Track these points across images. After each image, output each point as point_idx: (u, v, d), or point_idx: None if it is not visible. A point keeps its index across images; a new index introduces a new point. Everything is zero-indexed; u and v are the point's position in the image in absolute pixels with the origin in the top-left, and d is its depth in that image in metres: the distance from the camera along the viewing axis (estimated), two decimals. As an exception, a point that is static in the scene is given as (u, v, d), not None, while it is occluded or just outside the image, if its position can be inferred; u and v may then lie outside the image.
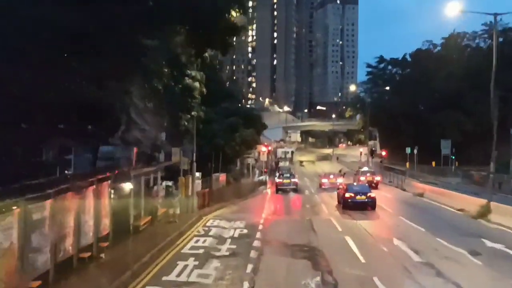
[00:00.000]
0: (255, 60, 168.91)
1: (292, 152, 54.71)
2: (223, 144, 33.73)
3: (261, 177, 38.77)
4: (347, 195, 23.53)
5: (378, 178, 36.58)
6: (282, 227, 18.71)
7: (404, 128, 71.99)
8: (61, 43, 11.14)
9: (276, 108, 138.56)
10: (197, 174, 37.39)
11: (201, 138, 34.56)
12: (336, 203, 26.18)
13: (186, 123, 20.70)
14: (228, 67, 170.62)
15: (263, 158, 37.03)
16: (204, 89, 22.96)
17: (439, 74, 70.42)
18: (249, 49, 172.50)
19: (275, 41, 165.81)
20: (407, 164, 56.54)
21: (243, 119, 36.54)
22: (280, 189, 33.11)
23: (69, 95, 12.34)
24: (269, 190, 35.66)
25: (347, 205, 23.19)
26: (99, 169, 14.30)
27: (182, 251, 13.73)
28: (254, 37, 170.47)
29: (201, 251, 13.64)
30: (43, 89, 11.41)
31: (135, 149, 14.44)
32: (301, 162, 72.50)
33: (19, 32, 10.18)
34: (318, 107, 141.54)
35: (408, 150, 56.90)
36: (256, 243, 14.87)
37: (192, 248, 14.24)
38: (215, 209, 23.01)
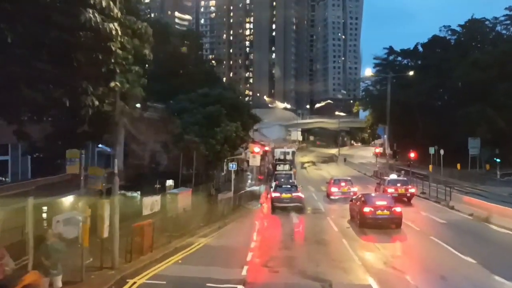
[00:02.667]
0: (252, 55, 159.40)
1: (294, 153, 44.52)
2: (198, 142, 23.96)
3: (254, 187, 28.74)
4: (366, 209, 18.21)
5: (412, 190, 26.79)
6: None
7: (421, 124, 62.91)
8: None
9: (279, 105, 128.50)
10: (170, 182, 27.86)
11: (167, 134, 25.03)
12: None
13: (96, 103, 10.84)
14: (224, 62, 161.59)
15: (254, 162, 26.74)
16: (148, 51, 13.42)
17: (461, 63, 61.31)
18: (247, 43, 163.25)
19: (274, 33, 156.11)
20: (430, 167, 47.36)
21: (227, 109, 26.78)
22: (277, 207, 23.38)
23: None
24: (265, 206, 25.77)
25: (365, 223, 18.17)
26: None
27: None
28: (252, 31, 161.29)
29: None
30: None
31: None
32: (303, 164, 62.75)
33: None
34: (327, 101, 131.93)
35: (431, 150, 47.37)
36: None
37: None
38: (162, 257, 13.14)
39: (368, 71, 71.77)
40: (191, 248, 14.72)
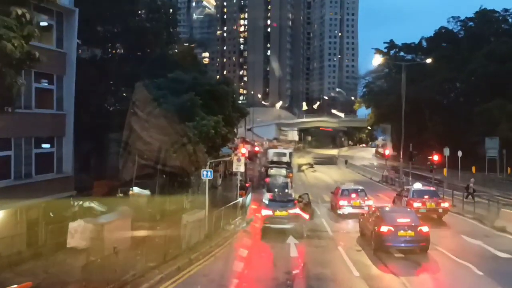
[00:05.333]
0: (246, 53, 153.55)
1: (291, 154, 37.93)
2: (161, 142, 17.73)
3: (240, 198, 22.53)
4: (384, 228, 14.18)
5: (445, 204, 20.58)
6: None
7: (430, 123, 57.35)
8: None
9: (276, 104, 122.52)
10: (136, 190, 21.76)
11: (126, 131, 18.90)
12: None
13: None
14: (218, 59, 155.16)
15: (239, 167, 20.55)
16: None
17: (474, 55, 55.98)
18: (241, 40, 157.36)
19: (269, 30, 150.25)
20: (445, 170, 41.51)
21: (205, 98, 20.56)
22: (269, 228, 17.14)
23: None
24: (253, 225, 19.51)
25: (383, 246, 14.18)
26: None
27: None
28: (246, 27, 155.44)
29: None
30: None
31: None
32: (300, 166, 56.52)
33: None
34: (324, 100, 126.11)
35: (446, 151, 41.52)
36: None
37: None
38: None
39: (377, 59, 65.72)
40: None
